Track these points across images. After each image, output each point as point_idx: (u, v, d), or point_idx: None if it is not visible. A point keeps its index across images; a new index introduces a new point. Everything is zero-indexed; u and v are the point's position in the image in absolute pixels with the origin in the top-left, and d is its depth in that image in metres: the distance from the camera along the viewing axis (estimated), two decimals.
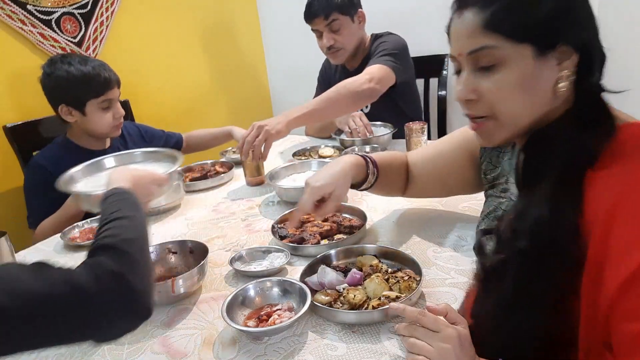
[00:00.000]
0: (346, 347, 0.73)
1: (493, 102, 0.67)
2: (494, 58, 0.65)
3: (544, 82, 0.65)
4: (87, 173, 1.24)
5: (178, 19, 2.32)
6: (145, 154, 1.31)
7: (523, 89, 0.65)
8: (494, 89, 0.67)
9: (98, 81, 1.44)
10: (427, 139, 1.52)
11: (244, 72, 2.81)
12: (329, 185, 0.95)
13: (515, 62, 0.65)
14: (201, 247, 1.00)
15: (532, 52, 0.64)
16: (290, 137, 2.04)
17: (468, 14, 0.66)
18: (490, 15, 0.64)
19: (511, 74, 0.65)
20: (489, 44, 0.65)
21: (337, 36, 1.78)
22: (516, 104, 0.67)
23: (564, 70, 0.64)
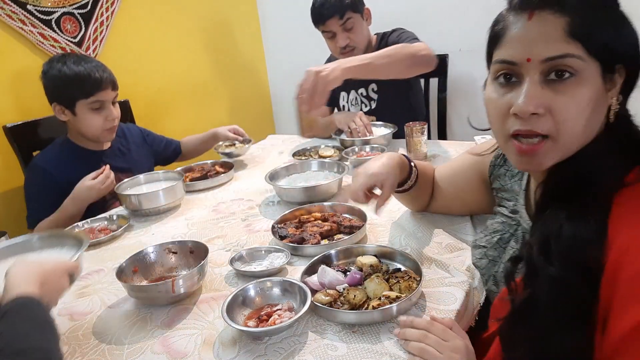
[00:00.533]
0: (346, 347, 0.73)
1: (562, 120, 0.59)
2: (572, 69, 0.58)
3: (603, 106, 0.61)
4: None
5: (178, 19, 2.32)
6: (44, 239, 0.97)
7: (593, 109, 0.59)
8: (570, 105, 0.59)
9: (88, 81, 1.42)
10: (427, 139, 1.52)
11: (244, 72, 2.81)
12: (383, 174, 0.93)
13: (591, 78, 0.59)
14: (201, 247, 1.00)
15: (600, 70, 0.59)
16: (290, 137, 2.04)
17: (546, 16, 0.59)
18: (574, 20, 0.58)
19: (588, 90, 0.58)
20: (574, 52, 0.58)
21: (352, 34, 1.78)
22: (582, 125, 0.60)
23: (613, 97, 0.61)
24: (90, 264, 1.10)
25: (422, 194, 1.08)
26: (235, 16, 2.69)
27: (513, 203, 0.82)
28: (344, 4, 1.72)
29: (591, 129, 0.61)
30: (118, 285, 0.93)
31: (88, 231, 1.26)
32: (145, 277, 0.98)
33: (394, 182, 0.95)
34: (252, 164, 1.75)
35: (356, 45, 1.80)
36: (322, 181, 1.32)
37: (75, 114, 1.46)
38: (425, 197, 1.09)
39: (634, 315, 0.49)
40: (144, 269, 0.99)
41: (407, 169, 1.00)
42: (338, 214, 1.17)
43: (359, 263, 0.92)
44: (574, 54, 0.58)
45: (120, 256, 1.12)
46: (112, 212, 1.39)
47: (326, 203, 1.22)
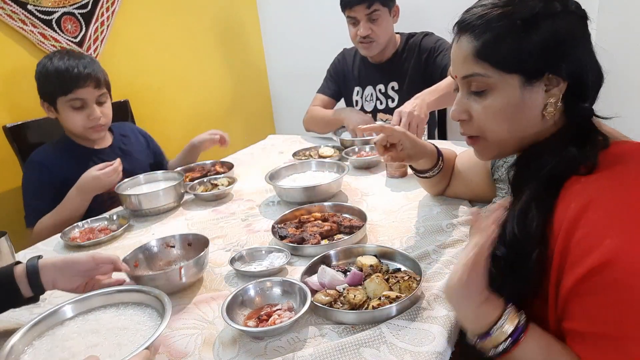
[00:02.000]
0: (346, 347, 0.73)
1: (481, 125, 0.73)
2: (483, 84, 0.70)
3: (531, 108, 0.69)
4: (40, 332, 0.79)
5: (178, 18, 2.32)
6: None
7: (508, 115, 0.70)
8: (482, 113, 0.72)
9: (66, 77, 1.37)
10: (427, 139, 1.52)
11: (244, 72, 2.81)
12: (409, 141, 1.04)
13: (503, 90, 0.69)
14: (200, 239, 1.03)
15: (519, 82, 0.68)
16: (290, 137, 2.04)
17: (464, 41, 0.71)
18: (481, 45, 0.69)
19: (498, 100, 0.70)
20: (479, 71, 0.70)
21: (374, 26, 1.77)
22: (501, 128, 0.72)
23: (551, 98, 0.68)
24: None
25: (442, 180, 1.18)
26: (235, 16, 2.69)
27: (505, 192, 0.93)
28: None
29: (519, 128, 0.71)
30: None
31: (88, 231, 1.26)
32: (149, 270, 1.00)
33: (413, 156, 1.07)
34: (252, 164, 1.75)
35: (376, 39, 1.79)
36: (322, 181, 1.32)
37: (58, 112, 1.43)
38: (444, 183, 1.20)
39: (582, 267, 0.57)
40: (148, 261, 1.02)
41: (435, 159, 1.10)
42: (338, 214, 1.17)
43: (359, 263, 0.92)
44: (480, 73, 0.70)
45: (120, 256, 1.12)
46: (112, 212, 1.39)
47: (326, 203, 1.22)
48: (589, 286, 0.57)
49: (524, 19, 0.66)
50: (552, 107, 0.68)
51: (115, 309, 0.84)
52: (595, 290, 0.57)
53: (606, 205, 0.59)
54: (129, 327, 0.78)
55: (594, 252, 0.57)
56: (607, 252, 0.56)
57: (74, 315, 0.83)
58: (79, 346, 0.75)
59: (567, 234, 0.60)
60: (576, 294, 0.59)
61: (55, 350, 0.75)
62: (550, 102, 0.68)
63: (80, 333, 0.79)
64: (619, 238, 0.56)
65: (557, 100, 0.68)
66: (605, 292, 0.56)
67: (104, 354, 0.73)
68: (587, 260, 0.57)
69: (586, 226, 0.59)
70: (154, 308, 0.81)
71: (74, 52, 1.46)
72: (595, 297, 0.57)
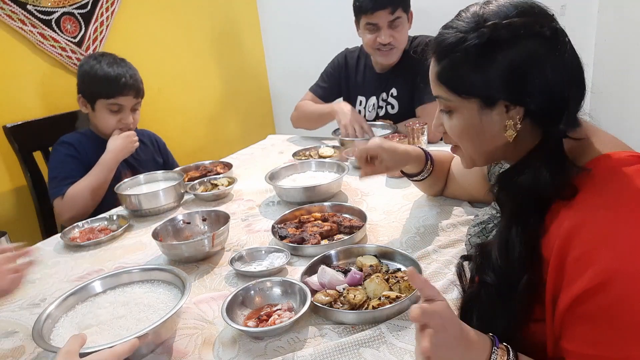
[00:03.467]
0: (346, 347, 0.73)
1: (453, 139, 0.77)
2: (446, 106, 0.74)
3: (491, 130, 0.70)
4: (85, 297, 0.88)
5: (178, 19, 2.32)
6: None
7: (469, 134, 0.73)
8: (449, 130, 0.76)
9: (113, 84, 1.51)
10: (427, 139, 1.52)
11: (244, 72, 2.81)
12: (389, 154, 1.05)
13: (462, 112, 0.71)
14: (220, 214, 1.15)
15: (477, 106, 0.69)
16: (290, 137, 2.04)
17: (431, 62, 0.74)
18: (441, 70, 0.71)
19: (459, 121, 0.73)
20: (441, 94, 0.73)
21: (396, 33, 1.70)
22: (467, 144, 0.76)
23: (509, 120, 0.68)
24: (90, 264, 1.10)
25: (437, 182, 1.19)
26: (235, 16, 2.69)
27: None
28: (399, 0, 1.65)
29: (486, 145, 0.73)
30: None
31: (88, 231, 1.26)
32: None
33: (393, 167, 1.10)
34: (252, 164, 1.75)
35: (397, 45, 1.73)
36: (322, 181, 1.32)
37: (94, 110, 1.56)
38: (440, 185, 1.21)
39: (578, 287, 0.56)
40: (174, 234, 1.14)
41: (423, 163, 1.11)
42: (338, 214, 1.17)
43: (359, 263, 0.92)
44: (441, 95, 0.73)
45: (120, 256, 1.12)
46: (112, 212, 1.39)
47: (326, 203, 1.22)
48: (587, 308, 0.57)
49: (478, 47, 0.65)
50: (511, 129, 0.68)
51: (150, 285, 0.90)
52: (593, 312, 0.56)
53: (600, 223, 0.58)
54: (154, 305, 0.83)
55: (589, 271, 0.56)
56: (602, 272, 0.55)
57: (115, 286, 0.90)
58: (106, 315, 0.81)
59: (562, 251, 0.59)
60: (573, 315, 0.58)
61: (88, 315, 0.82)
62: (509, 124, 0.68)
63: (113, 303, 0.85)
64: (614, 257, 0.56)
65: (515, 123, 0.67)
66: (604, 315, 0.56)
67: (124, 326, 0.78)
68: (582, 279, 0.56)
69: (581, 245, 0.58)
70: (180, 290, 0.85)
71: (121, 60, 1.59)
72: (594, 319, 0.56)
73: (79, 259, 1.14)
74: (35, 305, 0.94)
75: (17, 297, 0.98)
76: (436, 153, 1.16)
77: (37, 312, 0.85)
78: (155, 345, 0.76)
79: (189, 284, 0.83)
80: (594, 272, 0.56)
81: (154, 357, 0.76)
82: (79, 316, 0.83)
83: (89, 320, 0.81)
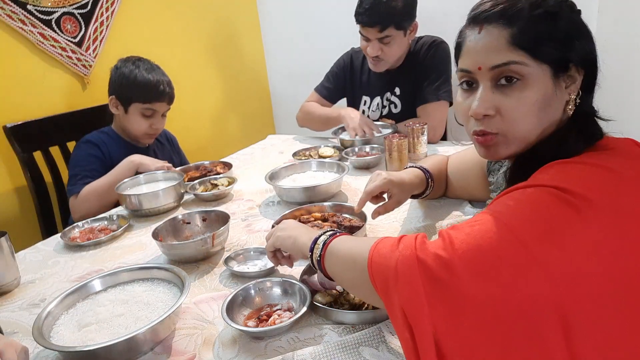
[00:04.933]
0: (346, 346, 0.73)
1: (511, 120, 0.68)
2: (518, 74, 0.66)
3: (558, 103, 0.68)
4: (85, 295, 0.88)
5: (178, 19, 2.33)
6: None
7: (542, 108, 0.67)
8: (517, 107, 0.67)
9: (152, 90, 1.58)
10: (427, 139, 1.52)
11: (244, 72, 2.82)
12: (397, 187, 1.03)
13: (538, 80, 0.66)
14: (220, 214, 1.15)
15: (550, 73, 0.66)
16: (290, 137, 2.04)
17: (492, 30, 0.67)
18: (518, 32, 0.66)
19: (534, 92, 0.66)
20: (516, 59, 0.66)
21: (385, 48, 1.72)
22: (532, 123, 0.68)
23: (572, 93, 0.68)
24: (90, 264, 1.10)
25: (438, 191, 1.18)
26: (235, 16, 2.69)
27: (498, 192, 0.92)
28: (389, 19, 1.65)
29: (544, 124, 0.68)
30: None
31: (88, 231, 1.26)
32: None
33: (403, 199, 1.06)
34: (252, 164, 1.75)
35: (386, 59, 1.76)
36: (322, 181, 1.32)
37: (127, 112, 1.61)
38: (441, 190, 1.20)
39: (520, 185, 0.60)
40: (175, 234, 1.14)
41: (425, 182, 1.10)
42: (338, 214, 1.17)
43: None
44: (516, 60, 0.66)
45: (120, 256, 1.12)
46: (112, 212, 1.39)
47: (326, 203, 1.22)
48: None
49: (551, 7, 0.67)
50: (572, 102, 0.68)
51: (149, 283, 0.90)
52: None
53: (562, 164, 0.61)
54: (152, 303, 0.83)
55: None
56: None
57: (115, 285, 0.90)
58: (106, 313, 0.81)
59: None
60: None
61: (88, 313, 0.82)
62: (572, 98, 0.68)
63: (113, 301, 0.85)
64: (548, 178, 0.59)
65: (577, 95, 0.68)
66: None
67: (122, 324, 0.78)
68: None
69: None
70: (179, 289, 0.85)
71: (157, 66, 1.66)
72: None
73: (79, 259, 1.14)
74: (35, 306, 0.94)
75: (17, 297, 0.98)
76: (430, 161, 1.16)
77: (36, 312, 0.85)
78: (154, 343, 0.77)
79: (188, 282, 0.83)
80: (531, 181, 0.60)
81: (154, 356, 0.76)
82: (79, 314, 0.83)
83: (88, 318, 0.81)
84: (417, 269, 0.54)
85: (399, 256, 0.57)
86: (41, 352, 0.80)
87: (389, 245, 0.60)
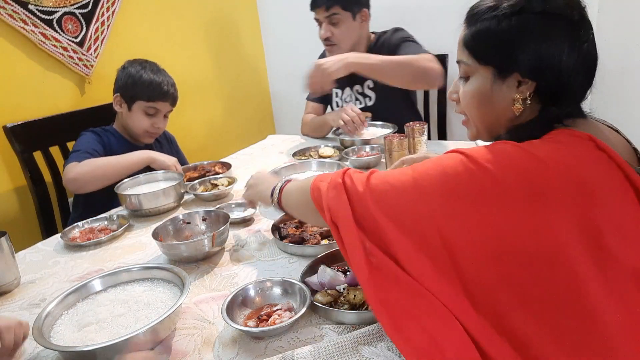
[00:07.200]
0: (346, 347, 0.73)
1: (463, 107, 0.81)
2: (466, 71, 0.77)
3: (499, 100, 0.74)
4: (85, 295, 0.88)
5: (178, 18, 2.33)
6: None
7: (478, 101, 0.77)
8: (462, 96, 0.79)
9: (155, 89, 1.61)
10: (427, 139, 1.52)
11: (244, 72, 2.82)
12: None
13: (477, 79, 0.75)
14: (220, 214, 1.16)
15: (492, 74, 0.73)
16: (290, 137, 2.04)
17: (462, 28, 0.77)
18: (468, 35, 0.75)
19: (473, 88, 0.76)
20: (462, 59, 0.77)
21: (335, 30, 1.79)
22: (475, 112, 0.79)
23: (519, 94, 0.71)
24: (90, 264, 1.10)
25: None
26: (235, 16, 2.69)
27: None
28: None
29: (493, 115, 0.76)
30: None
31: (88, 231, 1.26)
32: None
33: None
34: (252, 164, 1.75)
35: (338, 42, 1.80)
36: None
37: (130, 110, 1.63)
38: None
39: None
40: (175, 234, 1.14)
41: None
42: None
43: None
44: (462, 60, 0.77)
45: (120, 256, 1.12)
46: (112, 212, 1.39)
47: None
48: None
49: (508, 16, 0.69)
50: (519, 103, 0.71)
51: (149, 283, 0.90)
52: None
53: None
54: (152, 303, 0.84)
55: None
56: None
57: (115, 285, 0.90)
58: (106, 313, 0.81)
59: None
60: None
61: (88, 313, 0.82)
62: (517, 98, 0.71)
63: (113, 301, 0.85)
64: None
65: (524, 97, 0.71)
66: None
67: (122, 325, 0.79)
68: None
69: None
70: (179, 289, 0.85)
71: (164, 70, 1.69)
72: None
73: (79, 259, 1.14)
74: (35, 305, 0.94)
75: (17, 297, 0.98)
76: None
77: (36, 312, 0.84)
78: (154, 343, 0.77)
79: (188, 282, 0.83)
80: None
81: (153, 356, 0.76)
82: (79, 314, 0.83)
83: (88, 318, 0.81)
84: (341, 187, 0.72)
85: (330, 179, 0.75)
86: (41, 352, 0.80)
87: (326, 174, 0.78)
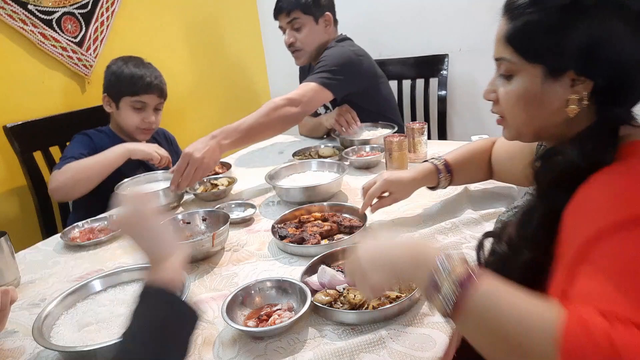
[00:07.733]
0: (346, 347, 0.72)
1: (502, 107, 0.74)
2: (508, 69, 0.70)
3: (551, 102, 0.67)
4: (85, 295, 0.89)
5: (178, 19, 2.33)
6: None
7: (526, 104, 0.69)
8: (504, 97, 0.72)
9: (138, 82, 1.58)
10: (427, 139, 1.52)
11: (244, 73, 2.81)
12: (395, 186, 1.09)
13: (524, 78, 0.68)
14: (220, 214, 1.16)
15: (542, 73, 0.66)
16: (290, 137, 2.04)
17: (501, 22, 0.70)
18: (512, 30, 0.67)
19: (519, 87, 0.69)
20: (505, 56, 0.69)
21: (298, 34, 1.79)
22: (519, 114, 0.72)
23: (574, 95, 0.65)
24: (90, 264, 1.10)
25: (470, 177, 1.17)
26: (235, 16, 2.69)
27: None
28: (294, 3, 1.74)
29: (541, 118, 0.69)
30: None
31: (88, 231, 1.26)
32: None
33: (402, 197, 1.12)
34: (252, 164, 1.75)
35: (302, 47, 1.80)
36: (322, 181, 1.32)
37: (119, 108, 1.62)
38: (477, 177, 1.18)
39: (584, 230, 0.54)
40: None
41: (435, 177, 1.11)
42: (338, 214, 1.17)
43: None
44: (506, 57, 0.69)
45: (120, 256, 1.12)
46: (112, 212, 1.39)
47: (326, 203, 1.22)
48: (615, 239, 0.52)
49: (560, 9, 0.62)
50: (574, 104, 0.65)
51: None
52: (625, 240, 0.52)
53: (611, 181, 0.57)
54: None
55: (611, 212, 0.54)
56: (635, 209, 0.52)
57: (115, 285, 0.91)
58: (105, 313, 0.82)
59: (571, 220, 0.58)
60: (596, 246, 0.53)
61: (88, 313, 0.83)
62: (572, 99, 0.65)
63: (113, 301, 0.86)
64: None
65: (581, 98, 0.64)
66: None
67: (122, 325, 0.76)
68: (605, 218, 0.53)
69: (580, 193, 0.57)
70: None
71: (148, 63, 1.67)
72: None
73: (79, 259, 1.14)
74: (35, 305, 0.94)
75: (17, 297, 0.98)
76: (461, 150, 1.14)
77: (36, 312, 0.85)
78: None
79: (188, 282, 0.83)
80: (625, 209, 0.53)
81: None
82: (79, 314, 0.83)
83: (88, 318, 0.81)
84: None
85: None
86: (41, 352, 0.80)
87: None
